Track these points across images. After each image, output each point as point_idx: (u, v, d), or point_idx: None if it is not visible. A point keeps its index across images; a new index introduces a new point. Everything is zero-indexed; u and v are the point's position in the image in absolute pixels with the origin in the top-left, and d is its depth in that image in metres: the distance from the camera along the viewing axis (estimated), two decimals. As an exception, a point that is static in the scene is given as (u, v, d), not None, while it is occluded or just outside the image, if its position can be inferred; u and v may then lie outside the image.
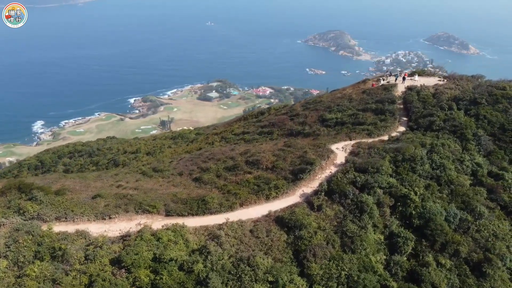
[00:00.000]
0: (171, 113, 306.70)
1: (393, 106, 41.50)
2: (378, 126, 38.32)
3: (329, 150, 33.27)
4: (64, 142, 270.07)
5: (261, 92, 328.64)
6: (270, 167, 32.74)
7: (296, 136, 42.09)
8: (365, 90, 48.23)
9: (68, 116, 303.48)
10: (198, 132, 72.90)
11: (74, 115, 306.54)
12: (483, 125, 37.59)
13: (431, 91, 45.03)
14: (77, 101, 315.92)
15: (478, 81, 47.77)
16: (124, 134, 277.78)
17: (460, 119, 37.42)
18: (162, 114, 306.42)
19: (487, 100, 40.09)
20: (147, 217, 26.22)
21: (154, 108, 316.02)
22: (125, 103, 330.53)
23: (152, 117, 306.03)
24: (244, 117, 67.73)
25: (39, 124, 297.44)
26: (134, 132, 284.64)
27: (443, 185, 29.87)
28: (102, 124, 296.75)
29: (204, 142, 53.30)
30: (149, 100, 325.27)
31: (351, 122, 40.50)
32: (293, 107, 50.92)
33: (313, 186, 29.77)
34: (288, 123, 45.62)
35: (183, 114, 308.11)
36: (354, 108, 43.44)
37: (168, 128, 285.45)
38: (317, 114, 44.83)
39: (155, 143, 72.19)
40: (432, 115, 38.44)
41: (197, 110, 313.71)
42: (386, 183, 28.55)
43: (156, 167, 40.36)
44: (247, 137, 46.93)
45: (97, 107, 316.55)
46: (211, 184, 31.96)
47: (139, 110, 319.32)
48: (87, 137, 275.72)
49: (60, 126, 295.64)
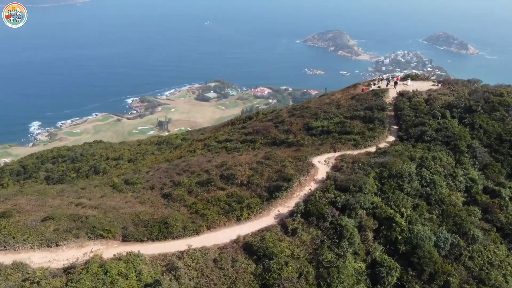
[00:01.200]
0: (169, 113, 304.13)
1: (382, 114, 38.72)
2: (365, 136, 35.52)
3: (309, 164, 30.48)
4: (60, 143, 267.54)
5: (259, 92, 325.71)
6: (245, 183, 29.99)
7: (280, 145, 39.35)
8: (354, 95, 45.42)
9: (65, 117, 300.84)
10: (184, 138, 70.13)
11: (71, 115, 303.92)
12: (478, 135, 34.80)
13: (424, 97, 42.25)
14: (74, 102, 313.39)
15: (474, 86, 44.98)
16: (121, 135, 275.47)
17: (453, 129, 34.64)
18: (160, 114, 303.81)
19: (483, 108, 37.32)
20: (101, 243, 23.46)
21: (152, 108, 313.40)
22: (123, 104, 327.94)
23: (150, 117, 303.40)
24: (231, 122, 65.03)
25: (35, 124, 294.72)
26: (131, 132, 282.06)
27: (433, 205, 27.11)
28: (99, 125, 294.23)
29: (186, 149, 50.64)
30: (147, 101, 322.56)
31: (337, 131, 37.71)
32: (279, 113, 48.23)
33: (290, 205, 27.02)
34: (272, 131, 42.89)
35: (180, 114, 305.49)
36: (342, 116, 40.65)
37: (166, 128, 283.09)
38: (302, 122, 42.06)
39: (139, 148, 69.39)
40: (423, 124, 35.64)
41: (195, 110, 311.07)
42: (370, 203, 25.79)
43: (129, 179, 37.66)
44: (229, 145, 44.22)
45: (95, 107, 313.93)
46: (180, 201, 29.22)
47: (136, 111, 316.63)
48: (84, 138, 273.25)
49: (57, 127, 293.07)
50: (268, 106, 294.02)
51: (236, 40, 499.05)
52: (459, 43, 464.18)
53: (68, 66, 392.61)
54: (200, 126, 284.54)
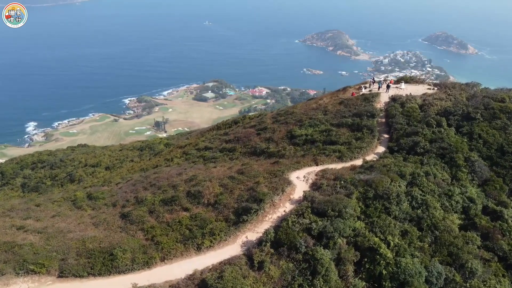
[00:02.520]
0: (166, 113, 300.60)
1: (372, 121, 35.10)
2: (352, 146, 31.90)
3: (286, 181, 26.92)
4: (56, 144, 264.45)
5: (258, 92, 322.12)
6: (212, 203, 26.47)
7: (260, 155, 35.79)
8: (343, 100, 41.80)
9: (62, 117, 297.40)
10: (167, 143, 66.47)
11: (68, 115, 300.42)
12: (477, 147, 31.18)
13: (418, 102, 38.58)
14: (71, 102, 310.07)
15: (473, 90, 41.30)
16: (117, 135, 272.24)
17: (450, 139, 31.00)
18: (157, 114, 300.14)
19: (482, 115, 33.67)
20: (32, 281, 19.96)
21: (149, 108, 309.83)
22: (120, 104, 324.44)
23: (147, 117, 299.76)
24: (217, 126, 61.52)
25: (32, 125, 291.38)
26: (128, 133, 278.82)
27: (425, 231, 23.54)
28: (96, 125, 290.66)
29: (164, 157, 47.19)
30: (144, 101, 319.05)
31: (322, 140, 34.13)
32: (263, 119, 44.67)
33: (260, 231, 23.50)
34: (253, 139, 39.37)
35: (178, 114, 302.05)
36: (328, 123, 37.07)
37: (163, 129, 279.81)
38: (286, 129, 38.52)
39: (120, 154, 65.71)
40: (416, 133, 32.00)
41: (192, 110, 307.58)
42: (351, 229, 22.24)
43: (93, 193, 34.20)
44: (207, 154, 40.69)
45: (92, 107, 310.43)
46: (138, 224, 25.74)
47: (133, 111, 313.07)
48: (80, 138, 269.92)
49: (53, 127, 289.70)
50: (266, 107, 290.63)
51: (235, 40, 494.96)
52: (458, 43, 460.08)
53: (65, 65, 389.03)
54: (197, 127, 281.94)
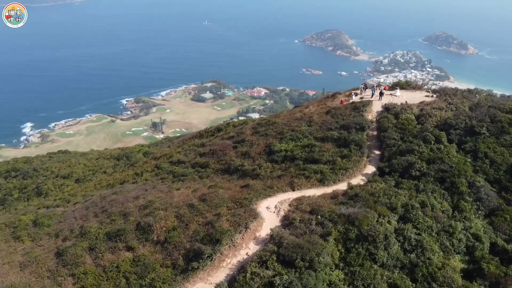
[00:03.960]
0: (164, 114, 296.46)
1: (361, 136, 30.18)
2: (336, 167, 27.11)
3: (252, 214, 22.25)
4: (52, 145, 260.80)
5: (256, 93, 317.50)
6: (162, 240, 21.86)
7: (233, 173, 31.14)
8: (330, 109, 37.00)
9: (59, 118, 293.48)
10: (147, 151, 61.64)
11: (65, 116, 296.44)
12: (483, 168, 26.38)
13: (414, 111, 33.70)
14: (68, 102, 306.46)
15: (477, 98, 36.33)
16: (114, 136, 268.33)
17: (451, 159, 26.22)
18: (155, 115, 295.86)
19: (489, 129, 28.80)
20: None
21: (147, 109, 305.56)
22: (118, 104, 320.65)
23: (144, 118, 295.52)
24: (200, 134, 56.87)
25: (28, 125, 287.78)
26: (125, 134, 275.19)
27: (420, 282, 18.85)
28: (93, 126, 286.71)
29: (134, 171, 42.63)
30: (142, 101, 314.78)
31: (303, 157, 29.36)
32: (243, 130, 39.78)
33: (214, 281, 18.87)
34: (229, 153, 34.72)
35: (175, 115, 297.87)
36: (312, 136, 32.32)
37: (160, 130, 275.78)
38: (265, 142, 33.82)
39: (95, 164, 60.88)
40: (412, 151, 27.15)
41: (190, 111, 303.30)
42: (325, 284, 17.58)
43: (39, 219, 29.69)
44: (177, 170, 36.01)
45: (89, 108, 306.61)
46: (72, 266, 21.21)
47: (131, 111, 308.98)
48: (77, 140, 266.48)
49: (49, 128, 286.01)
50: (265, 107, 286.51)
51: (234, 39, 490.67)
52: (458, 43, 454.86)
53: (63, 65, 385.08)
54: (195, 127, 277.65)
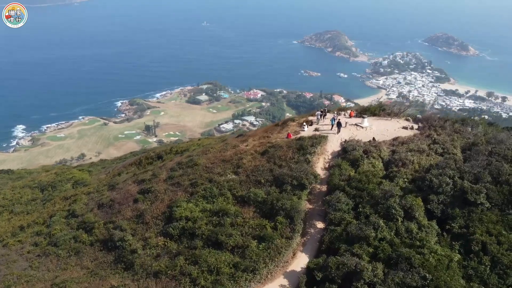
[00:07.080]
0: (158, 117, 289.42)
1: (296, 201, 20.52)
2: (246, 260, 17.62)
3: None
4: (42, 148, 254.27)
5: (253, 95, 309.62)
6: None
7: (110, 251, 21.90)
8: (269, 147, 27.36)
9: (51, 120, 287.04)
10: (77, 181, 50.53)
11: (58, 118, 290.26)
12: (480, 274, 16.44)
13: (383, 155, 24.12)
14: (62, 104, 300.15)
15: (473, 133, 26.15)
16: (106, 140, 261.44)
17: (427, 260, 16.28)
18: (148, 118, 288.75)
19: (489, 196, 18.79)
20: None
21: (141, 112, 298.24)
22: (112, 106, 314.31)
23: (137, 121, 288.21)
24: (139, 161, 47.35)
25: (20, 128, 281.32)
26: (117, 137, 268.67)
27: None
28: (84, 129, 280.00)
29: (36, 216, 33.28)
30: (136, 104, 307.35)
31: (206, 235, 20.04)
32: (160, 171, 30.39)
33: None
34: (125, 210, 25.51)
35: (170, 118, 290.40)
36: (231, 193, 23.04)
37: (153, 133, 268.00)
38: (170, 198, 24.66)
39: (13, 195, 49.77)
40: (364, 239, 17.41)
41: (185, 114, 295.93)
42: None
43: None
44: (56, 232, 26.81)
45: (83, 110, 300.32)
46: None
47: (125, 114, 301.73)
48: (68, 143, 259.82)
49: (41, 131, 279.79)
50: (261, 110, 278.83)
51: (232, 40, 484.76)
52: (459, 44, 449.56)
53: (57, 67, 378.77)
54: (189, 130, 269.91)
